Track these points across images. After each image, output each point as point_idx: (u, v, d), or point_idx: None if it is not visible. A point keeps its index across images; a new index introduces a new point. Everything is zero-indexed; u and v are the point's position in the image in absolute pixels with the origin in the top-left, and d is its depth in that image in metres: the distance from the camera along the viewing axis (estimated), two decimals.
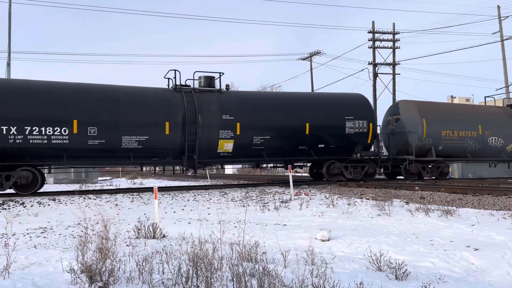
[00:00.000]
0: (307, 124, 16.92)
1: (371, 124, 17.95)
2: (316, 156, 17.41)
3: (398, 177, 20.34)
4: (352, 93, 19.36)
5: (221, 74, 16.55)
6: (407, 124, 19.17)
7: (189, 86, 16.08)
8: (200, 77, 16.45)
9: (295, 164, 18.19)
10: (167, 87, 16.37)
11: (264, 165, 19.29)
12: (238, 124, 15.98)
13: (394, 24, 35.87)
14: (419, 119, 18.88)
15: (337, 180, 17.50)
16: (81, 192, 14.62)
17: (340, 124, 17.49)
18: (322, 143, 17.29)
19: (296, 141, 16.94)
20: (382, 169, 19.64)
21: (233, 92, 17.57)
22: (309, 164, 20.35)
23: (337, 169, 17.67)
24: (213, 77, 16.55)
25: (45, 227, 8.66)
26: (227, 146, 15.94)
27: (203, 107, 15.63)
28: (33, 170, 13.71)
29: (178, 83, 15.95)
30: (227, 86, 16.94)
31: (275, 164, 19.22)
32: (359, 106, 18.14)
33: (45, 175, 16.15)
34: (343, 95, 19.07)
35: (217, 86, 16.59)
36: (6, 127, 13.12)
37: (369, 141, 18.10)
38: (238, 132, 15.97)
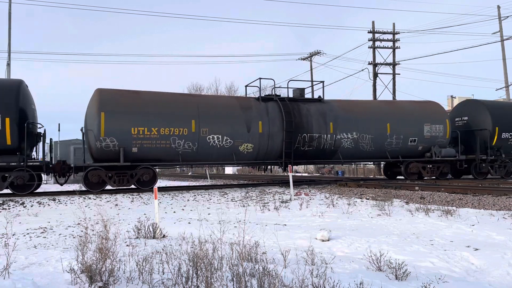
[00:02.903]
0: None
1: (7, 120, 13.39)
2: None
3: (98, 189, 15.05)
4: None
5: None
6: (87, 120, 14.86)
7: None
8: None
9: None
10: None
11: None
12: None
13: (394, 24, 35.87)
14: (96, 113, 14.51)
15: None
16: (81, 192, 14.61)
17: None
18: None
19: None
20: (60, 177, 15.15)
21: None
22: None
23: None
24: None
25: (45, 227, 8.66)
26: None
27: None
28: None
29: None
30: None
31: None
32: None
33: None
34: None
35: None
36: None
37: (8, 143, 13.54)
38: None
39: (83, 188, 15.48)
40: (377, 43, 36.10)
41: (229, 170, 47.24)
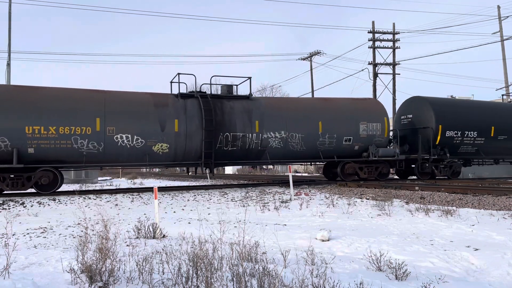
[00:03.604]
0: None
1: None
2: None
3: None
4: None
5: None
6: None
7: None
8: None
9: None
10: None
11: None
12: None
13: (394, 24, 35.91)
14: None
15: None
16: (81, 192, 14.62)
17: None
18: None
19: None
20: None
21: None
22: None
23: None
24: None
25: (45, 227, 8.66)
26: None
27: None
28: None
29: None
30: None
31: None
32: None
33: None
34: None
35: None
36: None
37: None
38: None
39: (84, 188, 15.43)
40: (377, 43, 36.12)
41: (229, 170, 47.28)
